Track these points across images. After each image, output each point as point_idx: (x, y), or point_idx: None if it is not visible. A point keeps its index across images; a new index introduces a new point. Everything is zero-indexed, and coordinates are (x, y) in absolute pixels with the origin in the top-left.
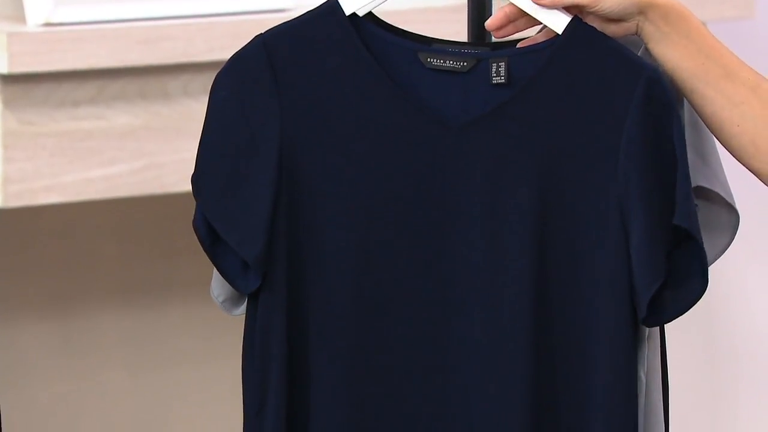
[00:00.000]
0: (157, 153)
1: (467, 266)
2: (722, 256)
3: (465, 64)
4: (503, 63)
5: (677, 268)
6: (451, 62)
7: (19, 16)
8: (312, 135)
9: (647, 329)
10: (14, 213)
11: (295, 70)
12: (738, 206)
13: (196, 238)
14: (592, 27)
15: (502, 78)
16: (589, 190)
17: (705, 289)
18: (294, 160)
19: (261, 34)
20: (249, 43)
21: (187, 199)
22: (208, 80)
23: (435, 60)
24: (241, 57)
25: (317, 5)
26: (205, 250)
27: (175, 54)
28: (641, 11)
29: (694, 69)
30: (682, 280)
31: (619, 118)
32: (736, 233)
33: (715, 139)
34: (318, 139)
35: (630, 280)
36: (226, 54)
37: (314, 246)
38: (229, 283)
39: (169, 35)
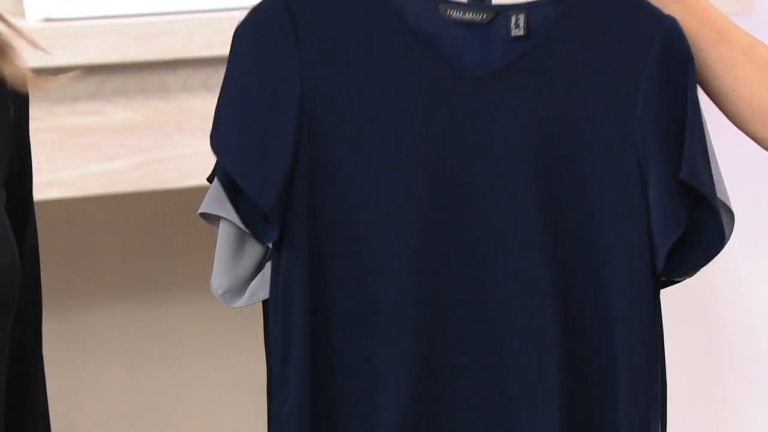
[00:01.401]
0: (157, 148)
1: (488, 217)
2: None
3: (484, 16)
4: (522, 15)
5: (694, 222)
6: (471, 14)
7: (19, 12)
8: (332, 86)
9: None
10: None
11: (314, 21)
12: (736, 199)
13: (195, 233)
14: None
15: (522, 30)
16: (607, 140)
17: (723, 244)
18: (314, 111)
19: None
20: None
21: (187, 195)
22: (207, 76)
23: (454, 12)
24: (260, 8)
25: None
26: (228, 200)
27: (175, 49)
28: None
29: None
30: (699, 234)
31: (636, 69)
32: (731, 233)
33: (710, 137)
34: (337, 90)
35: (649, 233)
36: (225, 50)
37: (334, 198)
38: (251, 233)
39: (168, 31)
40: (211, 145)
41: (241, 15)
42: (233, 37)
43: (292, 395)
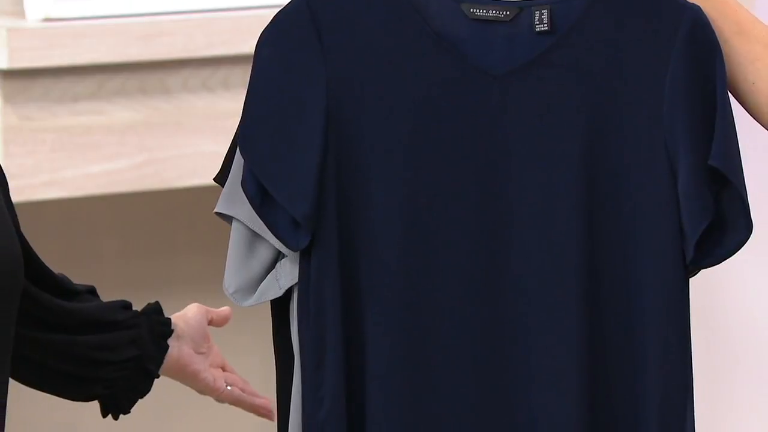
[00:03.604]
0: (157, 148)
1: (518, 214)
2: None
3: (508, 13)
4: (546, 10)
5: (722, 210)
6: (494, 12)
7: (19, 12)
8: (357, 90)
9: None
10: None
11: (338, 25)
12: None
13: (196, 233)
14: None
15: (545, 25)
16: (635, 132)
17: (750, 232)
18: (340, 115)
19: None
20: (292, 0)
21: (187, 195)
22: (207, 75)
23: (478, 10)
24: (284, 14)
25: None
26: (255, 210)
27: (175, 49)
28: None
29: None
30: (727, 222)
31: (663, 60)
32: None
33: None
34: (364, 94)
35: (678, 222)
36: (225, 49)
37: (363, 201)
38: (281, 241)
39: (168, 31)
40: (240, 146)
41: (241, 15)
42: (258, 42)
43: (327, 398)
